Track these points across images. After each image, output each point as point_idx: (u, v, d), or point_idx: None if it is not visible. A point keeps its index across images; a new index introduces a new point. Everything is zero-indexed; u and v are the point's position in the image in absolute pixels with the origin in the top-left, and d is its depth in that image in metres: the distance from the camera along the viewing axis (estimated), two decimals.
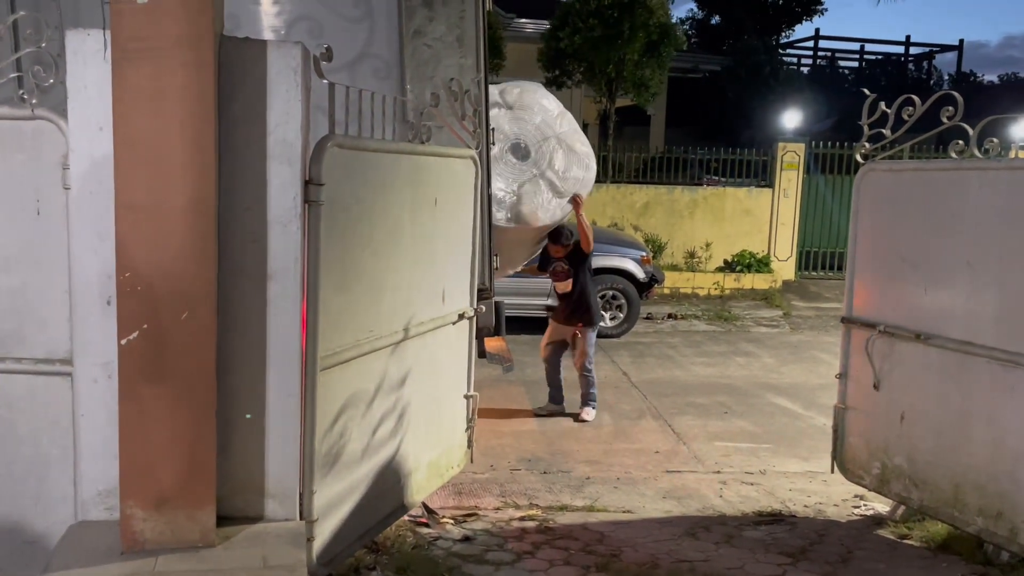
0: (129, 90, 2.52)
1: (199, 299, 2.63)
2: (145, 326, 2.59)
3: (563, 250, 6.33)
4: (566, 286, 6.44)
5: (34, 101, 2.83)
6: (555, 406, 6.59)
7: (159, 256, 2.59)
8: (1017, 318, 3.57)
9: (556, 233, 6.28)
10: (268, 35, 4.42)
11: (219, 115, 2.66)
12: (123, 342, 2.59)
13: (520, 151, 6.06)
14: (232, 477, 2.86)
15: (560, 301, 6.59)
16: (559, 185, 6.01)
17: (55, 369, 2.90)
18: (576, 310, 6.45)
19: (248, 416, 2.87)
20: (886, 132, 4.23)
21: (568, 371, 6.67)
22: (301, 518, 2.99)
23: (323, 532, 3.12)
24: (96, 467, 2.82)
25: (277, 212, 2.84)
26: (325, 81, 3.01)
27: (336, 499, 3.23)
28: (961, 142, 3.85)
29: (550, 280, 9.45)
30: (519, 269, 6.71)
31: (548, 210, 6.00)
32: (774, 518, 4.37)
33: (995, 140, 3.75)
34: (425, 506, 4.12)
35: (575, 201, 6.06)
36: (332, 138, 3.01)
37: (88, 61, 2.69)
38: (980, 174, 3.77)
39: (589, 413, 6.43)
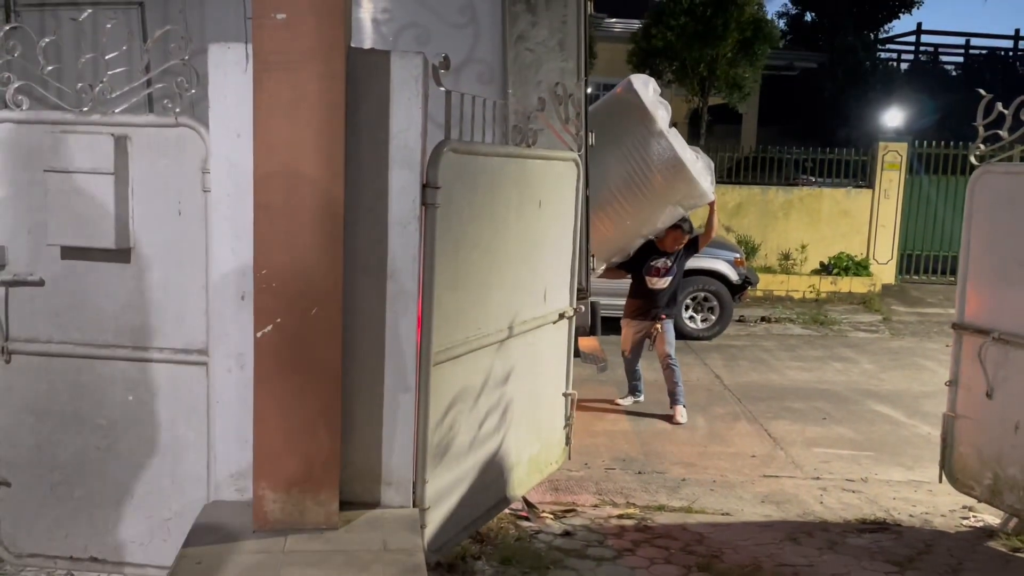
0: (268, 99, 2.70)
1: (327, 296, 2.79)
2: (279, 320, 2.76)
3: (681, 240, 6.30)
4: (663, 283, 6.42)
5: (177, 110, 3.05)
6: (637, 397, 6.76)
7: (292, 255, 2.76)
8: None
9: (684, 223, 6.29)
10: (376, 43, 4.60)
11: (347, 122, 2.82)
12: (259, 334, 2.78)
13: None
14: (353, 464, 3.02)
15: (640, 298, 6.53)
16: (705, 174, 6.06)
17: (192, 359, 3.12)
18: (663, 305, 6.48)
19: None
20: (1003, 133, 4.10)
21: (648, 370, 6.72)
22: (414, 506, 3.13)
23: (434, 520, 3.25)
24: (229, 451, 3.03)
25: (397, 214, 2.98)
26: (441, 89, 3.14)
27: (445, 489, 3.36)
28: None
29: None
30: (598, 274, 6.48)
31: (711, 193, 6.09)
32: (878, 526, 4.29)
33: None
34: (526, 500, 4.22)
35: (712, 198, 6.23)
36: (448, 143, 3.13)
37: (228, 72, 2.89)
38: None
39: (682, 414, 6.37)
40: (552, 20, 5.13)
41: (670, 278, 6.44)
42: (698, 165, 5.88)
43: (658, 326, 6.45)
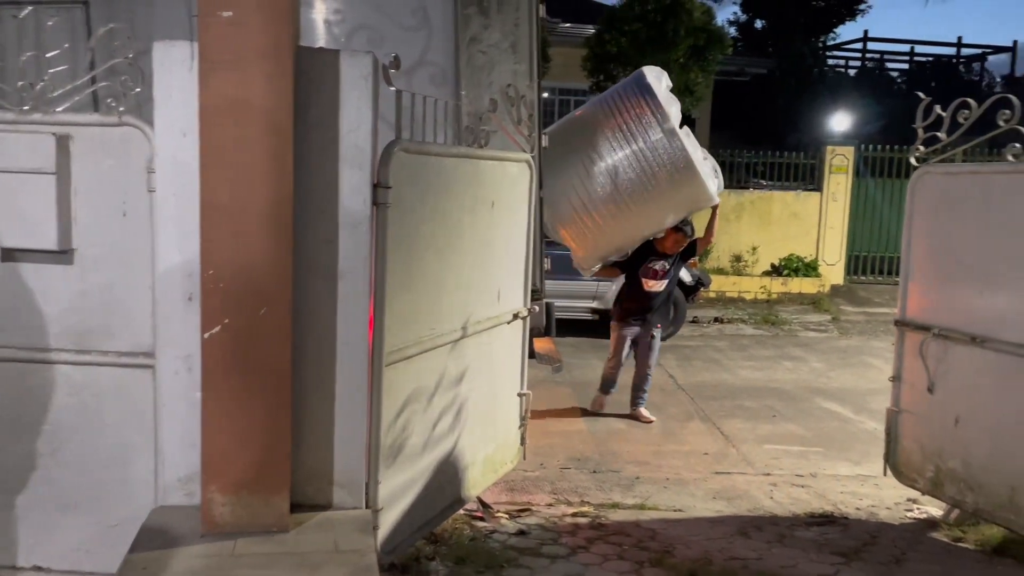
0: (214, 98, 2.67)
1: (276, 296, 2.77)
2: (226, 321, 2.73)
3: (681, 242, 6.16)
4: (659, 286, 6.29)
5: (122, 109, 3.00)
6: (605, 396, 6.62)
7: (240, 255, 2.73)
8: None
9: (683, 222, 6.10)
10: (328, 44, 4.58)
11: (295, 121, 2.80)
12: (206, 336, 2.74)
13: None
14: (304, 466, 3.00)
15: (634, 302, 6.36)
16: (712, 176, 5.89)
17: (139, 362, 3.07)
18: (659, 311, 6.38)
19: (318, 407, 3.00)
20: (941, 135, 4.23)
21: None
22: (367, 507, 3.11)
23: (387, 522, 3.24)
24: (176, 454, 2.98)
25: (348, 213, 2.97)
26: (392, 88, 3.14)
27: (399, 490, 3.35)
28: (1018, 145, 3.85)
29: (595, 282, 9.68)
30: (595, 272, 6.45)
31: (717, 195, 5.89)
32: (826, 519, 4.39)
33: None
34: (481, 500, 4.23)
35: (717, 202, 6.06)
36: (399, 143, 3.13)
37: (173, 71, 2.85)
38: None
39: (647, 412, 6.47)
40: (504, 23, 5.16)
41: (666, 281, 6.29)
42: (706, 167, 5.71)
43: (653, 334, 6.37)
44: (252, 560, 2.67)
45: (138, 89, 3.01)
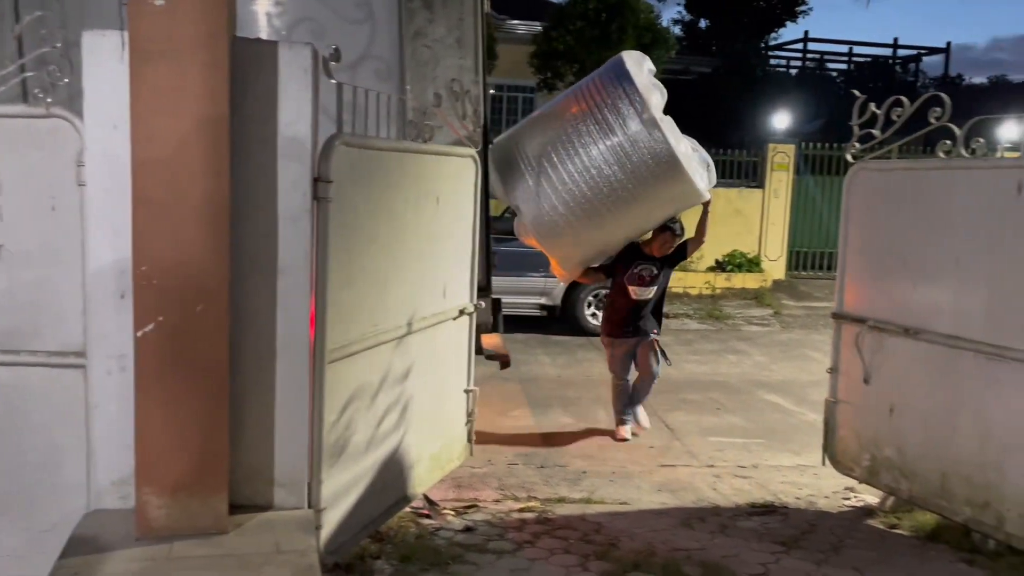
0: (146, 89, 2.60)
1: (213, 293, 2.71)
2: (161, 319, 2.66)
3: (670, 243, 5.54)
4: (647, 293, 5.63)
5: (50, 100, 2.90)
6: (624, 426, 5.86)
7: (175, 250, 2.66)
8: (1002, 313, 3.68)
9: (674, 224, 5.53)
10: (269, 37, 4.49)
11: (232, 114, 2.74)
12: (139, 334, 2.67)
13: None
14: (243, 466, 2.94)
15: (620, 312, 5.71)
16: (702, 171, 5.28)
17: (69, 362, 2.97)
18: (649, 319, 5.74)
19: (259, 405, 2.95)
20: (876, 132, 4.34)
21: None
22: (309, 507, 3.07)
23: (330, 521, 3.20)
24: (110, 457, 2.89)
25: (288, 208, 2.92)
26: (333, 81, 3.09)
27: (342, 489, 3.31)
28: (949, 142, 3.96)
29: (543, 279, 9.68)
30: (571, 276, 5.79)
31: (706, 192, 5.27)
32: (767, 509, 4.47)
33: (981, 140, 3.87)
34: (427, 498, 4.20)
35: (709, 199, 5.39)
36: (340, 136, 3.09)
37: (103, 61, 2.76)
38: (967, 173, 3.88)
39: (626, 432, 5.84)
40: (449, 17, 5.13)
41: (654, 288, 5.65)
42: (694, 160, 5.11)
43: (656, 344, 5.74)
44: (189, 563, 2.61)
45: (67, 80, 2.91)
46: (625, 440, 5.75)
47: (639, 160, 4.86)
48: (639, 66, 5.03)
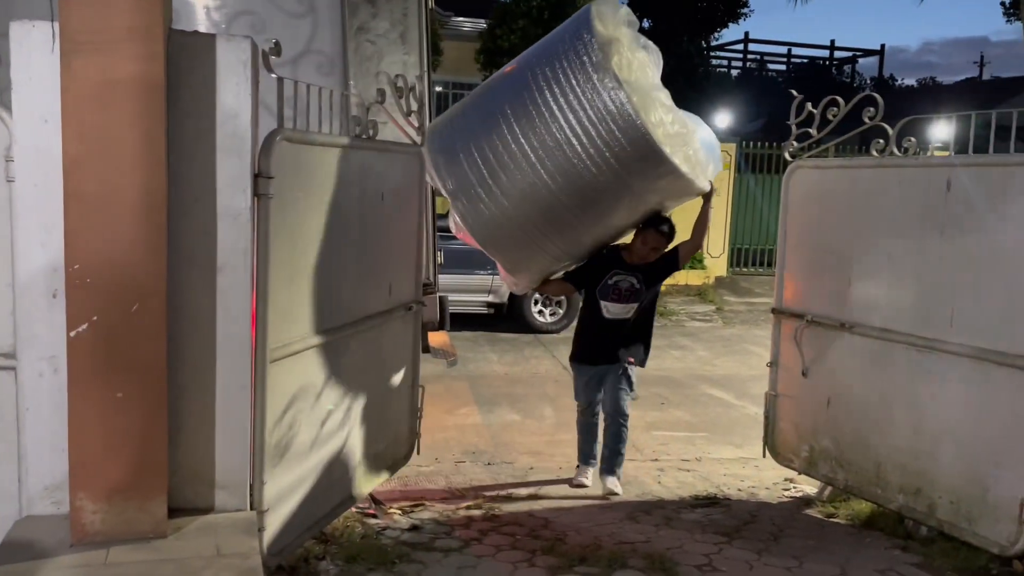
0: (78, 82, 2.52)
1: (149, 291, 2.64)
2: (95, 318, 2.59)
3: (656, 247, 4.39)
4: (625, 311, 4.48)
5: None
6: (585, 466, 4.81)
7: (109, 248, 2.59)
8: (933, 307, 3.81)
9: (657, 219, 4.31)
10: (207, 30, 4.40)
11: (168, 108, 2.68)
12: (72, 334, 2.59)
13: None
14: (183, 468, 2.88)
15: (592, 334, 4.63)
16: (700, 154, 4.12)
17: None
18: (631, 343, 4.59)
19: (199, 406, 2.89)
20: (812, 132, 4.45)
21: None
22: (252, 509, 3.02)
23: (273, 523, 3.15)
24: (42, 461, 2.80)
25: (227, 204, 2.87)
26: (273, 76, 3.04)
27: (286, 490, 3.26)
28: (882, 141, 4.08)
29: (490, 276, 9.67)
30: (538, 288, 4.64)
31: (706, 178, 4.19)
32: (710, 501, 4.56)
33: (912, 139, 3.99)
34: (373, 497, 4.17)
35: (711, 189, 4.29)
36: (281, 132, 3.04)
37: (33, 53, 2.67)
38: (898, 171, 4.01)
39: (615, 484, 4.64)
40: (393, 12, 5.10)
41: (635, 305, 4.47)
42: (678, 138, 3.89)
43: (625, 368, 4.59)
44: (127, 569, 2.54)
45: None
46: (582, 487, 4.69)
47: (606, 137, 3.72)
48: (607, 15, 3.83)
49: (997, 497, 3.55)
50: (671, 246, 4.53)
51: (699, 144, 4.12)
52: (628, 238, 4.51)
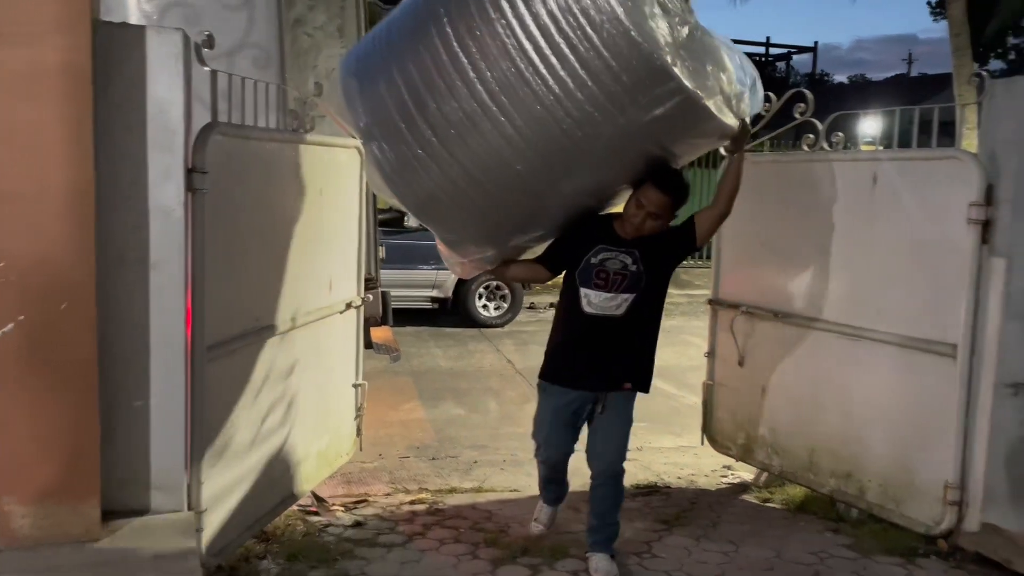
0: (1, 74, 2.44)
1: (78, 289, 2.59)
2: (21, 317, 2.52)
3: (660, 209, 3.19)
4: (613, 304, 3.25)
5: None
6: (548, 506, 3.80)
7: (35, 245, 2.53)
8: (861, 297, 3.94)
9: (663, 174, 3.15)
10: (139, 22, 4.30)
11: (97, 101, 2.61)
12: None
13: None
14: (117, 470, 2.83)
15: (568, 335, 3.41)
16: (727, 79, 3.10)
17: None
18: (624, 356, 3.36)
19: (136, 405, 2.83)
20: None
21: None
22: (189, 509, 2.97)
23: (212, 523, 3.11)
24: None
25: (159, 200, 2.82)
26: (206, 69, 2.99)
27: (225, 490, 3.22)
28: (812, 136, 4.20)
29: (434, 271, 9.66)
30: (498, 273, 3.55)
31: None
32: (650, 490, 4.64)
33: (841, 134, 4.12)
34: (315, 495, 4.14)
35: (743, 128, 3.19)
36: (215, 126, 3.00)
37: None
38: (827, 165, 4.13)
39: (609, 566, 3.40)
40: (330, 5, 5.05)
41: (631, 297, 3.25)
42: (691, 51, 2.87)
43: (615, 401, 3.38)
44: (59, 574, 2.48)
45: None
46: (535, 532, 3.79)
47: (576, 37, 2.68)
48: None
49: (923, 480, 3.70)
50: (682, 216, 3.36)
51: (728, 64, 3.09)
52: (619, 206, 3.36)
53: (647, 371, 3.49)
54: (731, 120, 3.10)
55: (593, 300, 3.30)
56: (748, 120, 3.29)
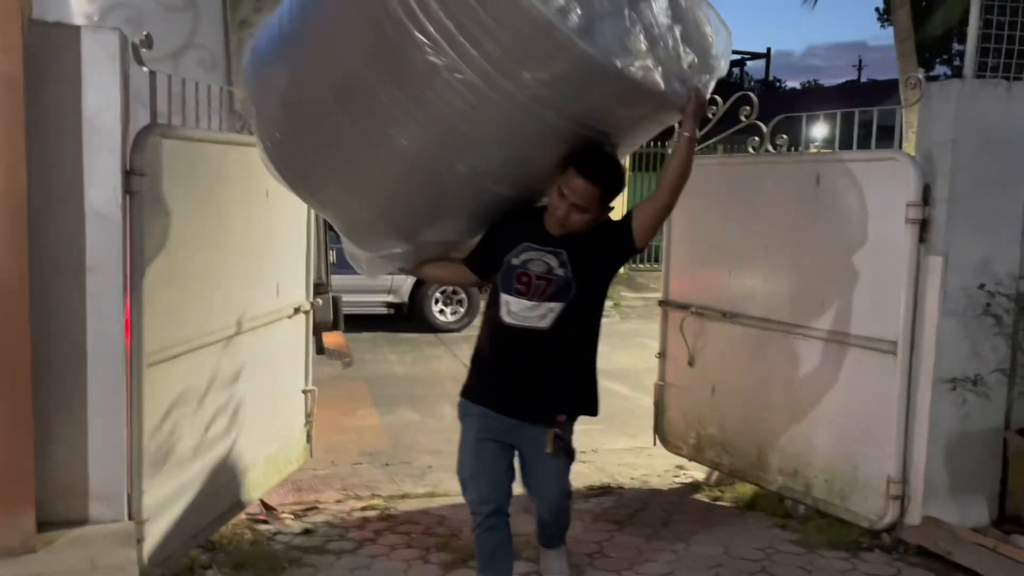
0: None
1: (11, 294, 2.52)
2: None
3: (585, 201, 2.66)
4: (536, 314, 2.76)
5: None
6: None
7: None
8: (806, 295, 4.01)
9: (588, 158, 2.62)
10: (81, 22, 4.21)
11: (30, 102, 2.55)
12: None
13: None
14: (53, 480, 2.76)
15: (484, 353, 2.95)
16: (672, 48, 2.53)
17: None
18: (553, 380, 2.86)
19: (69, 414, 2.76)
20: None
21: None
22: (130, 519, 2.91)
23: (154, 532, 3.05)
24: None
25: (95, 203, 2.76)
26: (145, 70, 2.94)
27: (168, 498, 3.16)
28: (757, 139, 4.27)
29: (389, 276, 9.60)
30: (411, 270, 3.09)
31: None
32: (604, 491, 4.65)
33: (785, 136, 4.19)
34: (263, 503, 4.07)
35: (695, 98, 2.54)
36: (155, 128, 2.95)
37: None
38: (773, 167, 4.20)
39: (563, 565, 3.30)
40: (277, 6, 4.99)
41: (557, 306, 2.75)
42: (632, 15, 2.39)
43: (554, 434, 2.86)
44: None
45: None
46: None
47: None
48: None
49: (866, 475, 3.77)
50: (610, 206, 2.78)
51: (686, 22, 2.57)
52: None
53: (586, 396, 2.98)
54: (670, 87, 2.46)
55: (513, 308, 2.77)
56: (705, 90, 2.63)
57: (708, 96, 2.68)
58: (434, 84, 2.36)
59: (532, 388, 2.86)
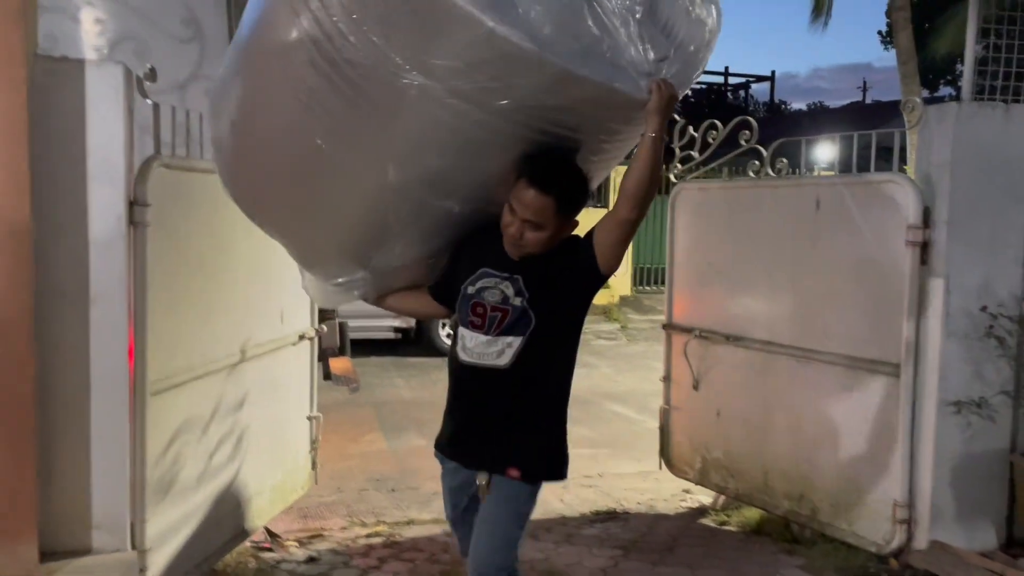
0: None
1: (15, 324, 2.55)
2: None
3: (539, 216, 2.25)
4: (492, 351, 2.33)
5: None
6: None
7: None
8: (808, 318, 4.00)
9: (540, 165, 2.21)
10: (90, 55, 4.29)
11: (35, 136, 2.60)
12: None
13: None
14: (56, 509, 2.77)
15: (451, 396, 2.50)
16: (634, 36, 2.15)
17: None
18: (510, 427, 2.39)
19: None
20: (695, 154, 4.64)
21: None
22: (133, 549, 2.91)
23: (157, 562, 3.05)
24: None
25: (99, 233, 2.79)
26: (150, 102, 2.99)
27: (171, 527, 3.16)
28: (757, 162, 4.29)
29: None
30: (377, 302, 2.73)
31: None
32: (609, 516, 4.63)
33: (785, 160, 4.21)
34: (268, 530, 4.07)
35: (660, 91, 2.11)
36: (158, 158, 2.99)
37: None
38: (773, 191, 4.21)
39: None
40: None
41: (515, 340, 2.31)
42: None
43: (482, 483, 2.39)
44: None
45: None
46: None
47: None
48: None
49: (873, 499, 3.74)
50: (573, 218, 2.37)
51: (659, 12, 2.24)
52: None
53: (549, 452, 2.43)
54: (621, 78, 2.07)
55: (468, 344, 2.36)
56: (679, 82, 2.21)
57: (682, 91, 2.24)
58: (338, 80, 2.04)
59: (484, 435, 2.41)
